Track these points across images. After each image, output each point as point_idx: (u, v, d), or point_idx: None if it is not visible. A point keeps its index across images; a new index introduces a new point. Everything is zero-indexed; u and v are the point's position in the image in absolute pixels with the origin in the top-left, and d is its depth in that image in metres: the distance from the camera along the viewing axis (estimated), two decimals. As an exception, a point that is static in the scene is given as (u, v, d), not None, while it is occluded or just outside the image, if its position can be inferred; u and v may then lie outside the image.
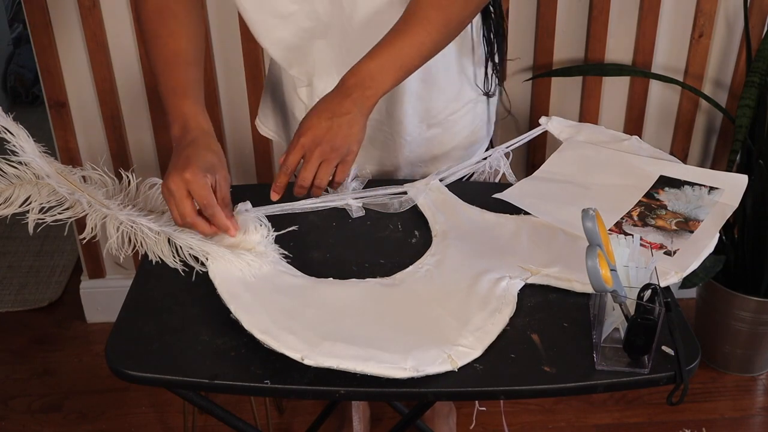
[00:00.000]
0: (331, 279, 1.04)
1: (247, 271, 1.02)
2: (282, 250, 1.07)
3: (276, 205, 1.14)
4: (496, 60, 1.33)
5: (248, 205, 1.12)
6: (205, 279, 1.02)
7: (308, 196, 1.11)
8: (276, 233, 1.09)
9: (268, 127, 1.48)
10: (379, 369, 0.87)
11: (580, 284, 1.00)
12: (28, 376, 2.12)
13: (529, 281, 1.03)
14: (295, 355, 0.88)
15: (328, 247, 1.12)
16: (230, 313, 0.96)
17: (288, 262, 1.06)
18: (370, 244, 1.12)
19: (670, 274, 1.00)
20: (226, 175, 1.07)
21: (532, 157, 2.03)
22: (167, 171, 1.03)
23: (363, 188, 1.23)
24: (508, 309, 0.97)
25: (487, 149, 1.38)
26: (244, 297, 0.97)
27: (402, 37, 1.08)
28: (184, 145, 1.06)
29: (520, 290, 1.01)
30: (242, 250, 1.04)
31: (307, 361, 0.88)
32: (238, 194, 1.13)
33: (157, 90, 1.14)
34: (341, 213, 1.19)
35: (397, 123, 1.29)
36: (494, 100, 1.39)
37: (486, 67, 1.32)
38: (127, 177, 1.16)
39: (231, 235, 1.05)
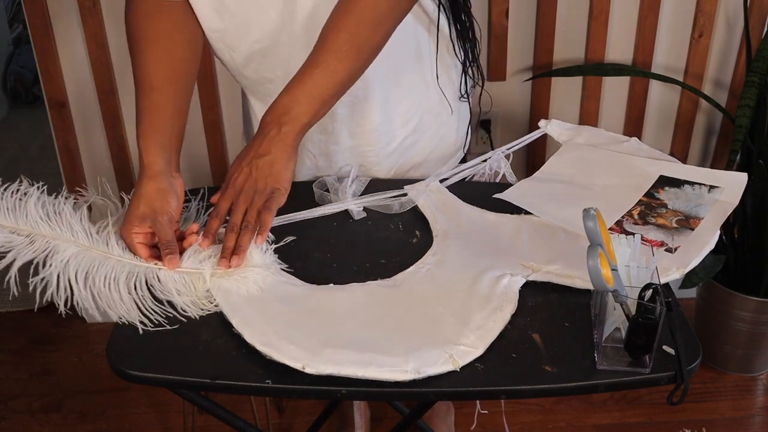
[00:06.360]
0: (332, 285, 1.03)
1: (251, 285, 1.02)
2: (282, 263, 1.07)
3: (277, 216, 1.11)
4: (468, 63, 1.33)
5: None
6: (206, 279, 1.02)
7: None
8: (275, 245, 1.08)
9: None
10: (379, 373, 0.87)
11: (582, 281, 1.00)
12: (28, 376, 2.12)
13: (531, 278, 1.03)
14: (296, 365, 0.88)
15: (330, 248, 1.12)
16: (233, 327, 0.95)
17: (289, 266, 1.06)
18: (371, 245, 1.12)
19: (672, 271, 1.00)
20: (171, 213, 1.07)
21: (531, 159, 2.03)
22: None
23: (364, 190, 1.23)
24: (509, 306, 0.97)
25: (482, 152, 1.38)
26: (245, 310, 0.97)
27: (313, 68, 1.06)
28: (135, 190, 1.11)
29: (521, 290, 1.01)
30: (243, 270, 1.03)
31: (308, 370, 0.88)
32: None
33: None
34: (342, 214, 1.19)
35: (369, 132, 1.29)
36: (467, 103, 1.39)
37: (464, 71, 1.33)
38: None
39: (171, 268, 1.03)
